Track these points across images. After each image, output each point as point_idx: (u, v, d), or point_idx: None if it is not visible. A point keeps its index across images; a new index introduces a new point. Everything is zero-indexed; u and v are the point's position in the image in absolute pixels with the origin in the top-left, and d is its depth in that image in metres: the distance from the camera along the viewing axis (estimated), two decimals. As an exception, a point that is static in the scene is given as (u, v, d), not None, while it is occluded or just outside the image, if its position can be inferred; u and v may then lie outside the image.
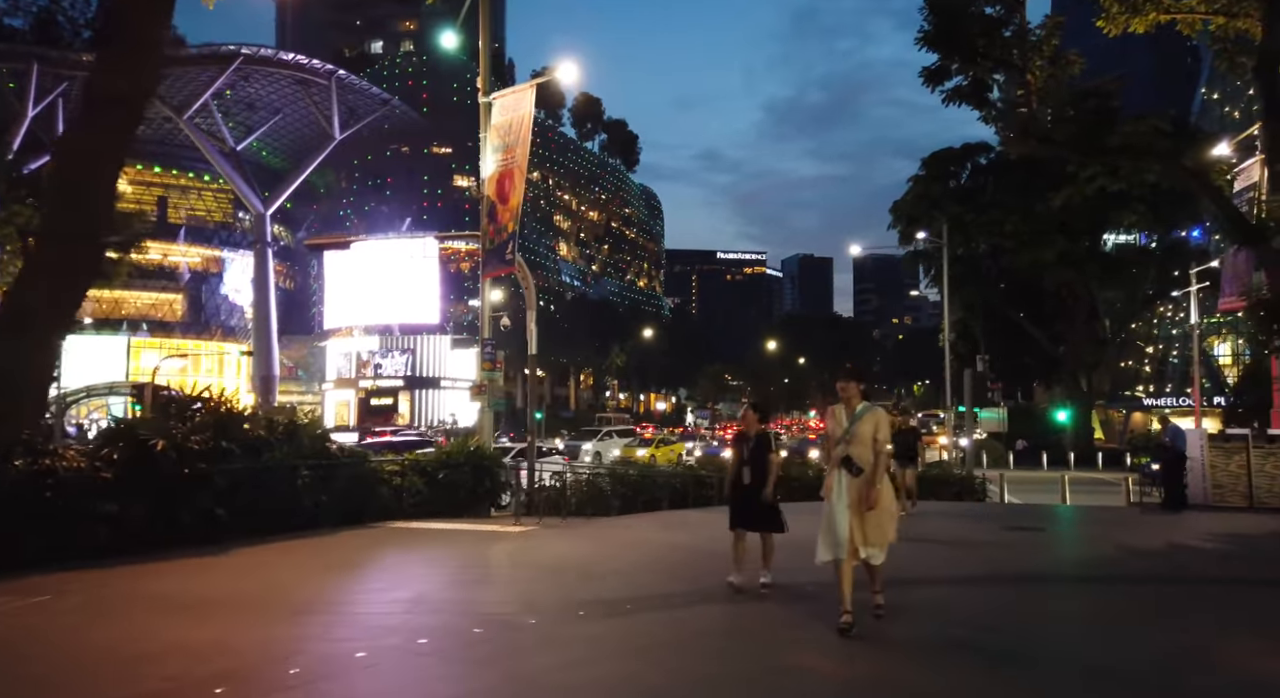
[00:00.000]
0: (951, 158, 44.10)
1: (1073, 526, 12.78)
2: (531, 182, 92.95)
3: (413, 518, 11.28)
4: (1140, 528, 12.37)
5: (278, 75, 66.63)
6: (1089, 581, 7.60)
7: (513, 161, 14.24)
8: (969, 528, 11.63)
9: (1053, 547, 10.13)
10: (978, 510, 14.48)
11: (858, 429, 5.65)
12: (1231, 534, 11.16)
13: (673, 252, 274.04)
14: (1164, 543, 10.61)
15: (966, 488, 16.88)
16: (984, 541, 10.25)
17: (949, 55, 17.00)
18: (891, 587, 6.19)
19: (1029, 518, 13.72)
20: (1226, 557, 9.46)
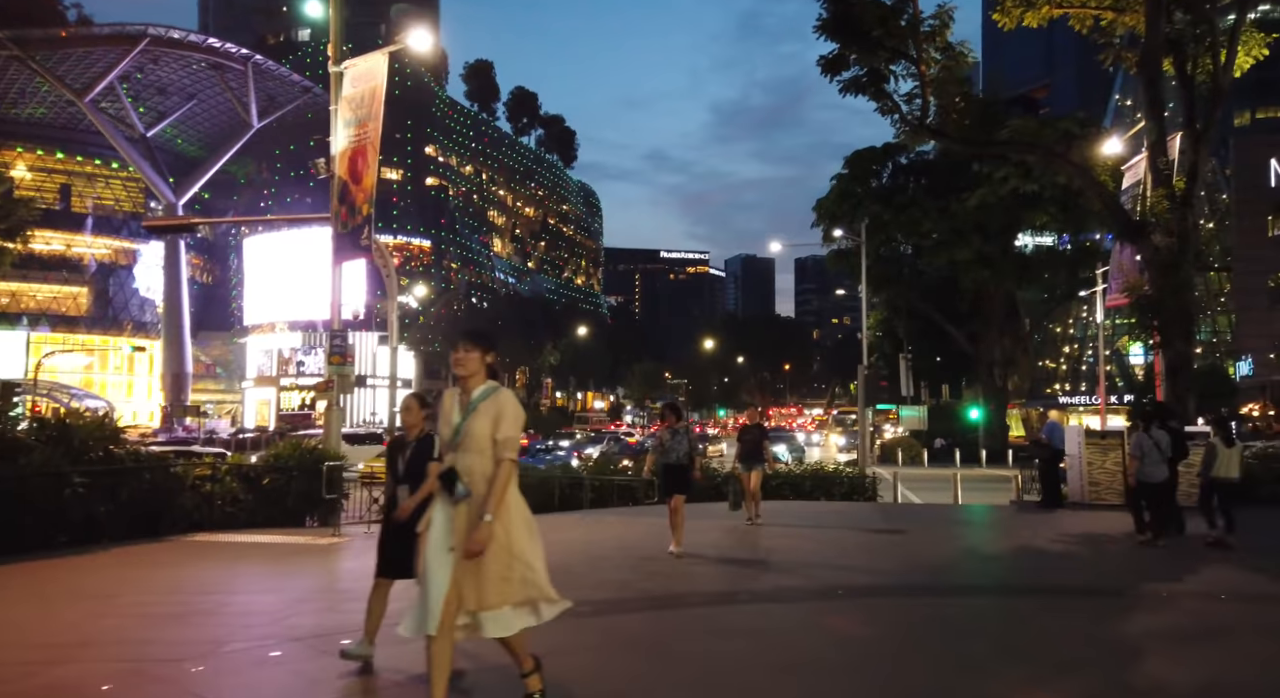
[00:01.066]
0: (873, 157, 44.32)
1: (938, 526, 12.26)
2: (464, 176, 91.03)
3: (226, 529, 10.14)
4: (1004, 528, 11.91)
5: (190, 59, 63.47)
6: (895, 593, 6.88)
7: (366, 137, 13.16)
8: (823, 534, 10.97)
9: (892, 552, 9.49)
10: (854, 512, 13.95)
11: (470, 426, 3.61)
12: (1086, 535, 10.72)
13: (616, 250, 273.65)
14: (1013, 546, 10.11)
15: (856, 487, 16.41)
16: (823, 548, 9.60)
17: (846, 44, 16.44)
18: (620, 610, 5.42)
19: (900, 519, 13.20)
20: (1063, 561, 8.95)
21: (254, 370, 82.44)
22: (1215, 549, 9.68)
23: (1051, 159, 15.91)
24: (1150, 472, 10.17)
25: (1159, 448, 10.24)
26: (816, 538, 10.58)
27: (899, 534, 10.95)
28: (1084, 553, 9.64)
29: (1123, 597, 6.86)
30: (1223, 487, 10.26)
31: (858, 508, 14.52)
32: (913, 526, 12.17)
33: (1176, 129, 16.71)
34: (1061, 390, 61.97)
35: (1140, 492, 10.36)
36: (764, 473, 11.83)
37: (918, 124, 17.41)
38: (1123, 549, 9.79)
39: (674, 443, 9.18)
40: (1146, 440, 10.27)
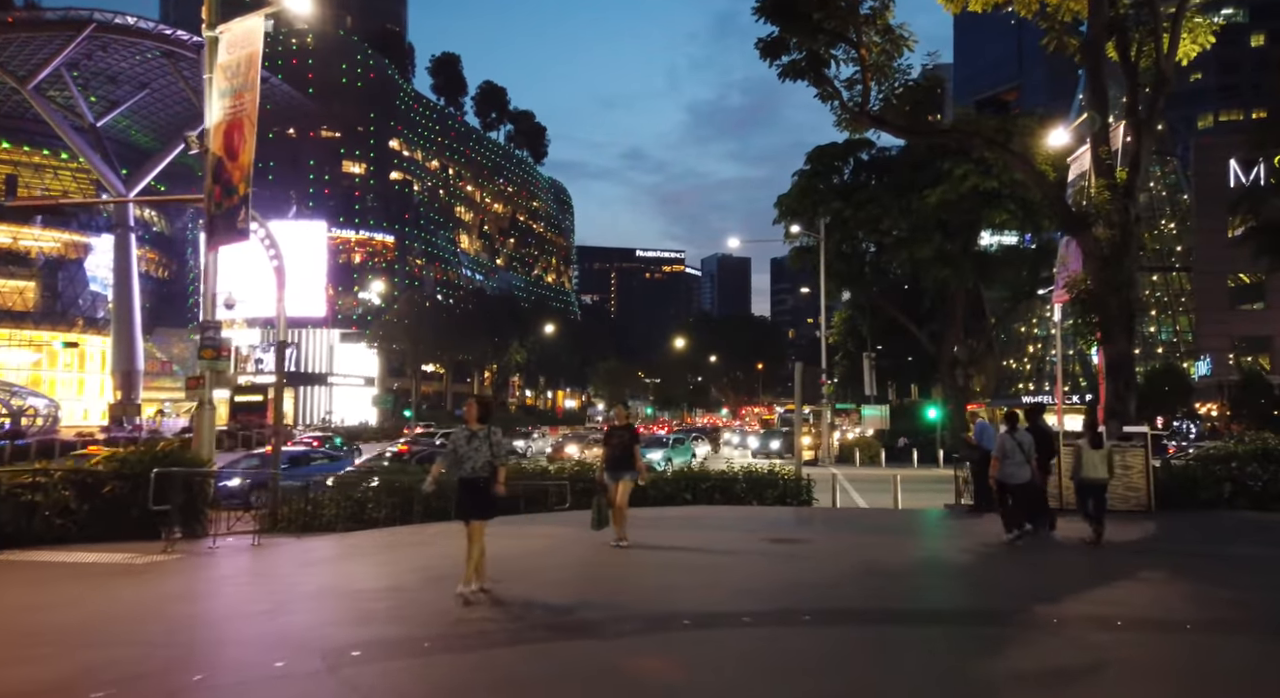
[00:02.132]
0: (835, 153, 43.74)
1: (850, 535, 11.25)
2: (429, 171, 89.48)
3: (47, 545, 9.06)
4: (922, 537, 11.12)
5: (142, 47, 61.49)
6: (740, 623, 5.95)
7: (242, 109, 12.10)
8: (708, 548, 9.85)
9: (776, 569, 8.39)
10: (771, 519, 13.06)
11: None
12: (1003, 545, 9.98)
13: (592, 249, 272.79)
14: (918, 559, 9.23)
15: (791, 490, 15.57)
16: (694, 569, 8.55)
17: (785, 27, 15.64)
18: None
19: (814, 527, 12.20)
20: (960, 578, 8.12)
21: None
22: (1094, 548, 9.77)
23: (991, 147, 15.25)
24: (1012, 472, 10.12)
25: (1021, 449, 10.18)
26: (695, 556, 9.42)
27: (800, 545, 10.04)
28: (987, 567, 8.88)
29: (1007, 623, 6.09)
30: (1091, 488, 10.23)
31: (781, 514, 13.66)
32: (823, 535, 11.29)
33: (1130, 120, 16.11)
34: (1026, 390, 62.00)
35: (1003, 492, 10.31)
36: (635, 484, 10.08)
37: (858, 110, 16.67)
38: (1034, 561, 9.08)
39: (470, 450, 7.12)
40: (1009, 441, 10.19)
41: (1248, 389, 35.08)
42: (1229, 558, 9.17)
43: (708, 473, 15.60)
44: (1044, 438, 11.17)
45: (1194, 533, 11.17)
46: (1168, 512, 12.84)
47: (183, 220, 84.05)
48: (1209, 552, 9.57)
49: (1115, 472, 12.76)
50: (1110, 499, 12.88)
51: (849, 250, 44.15)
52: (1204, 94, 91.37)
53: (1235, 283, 52.36)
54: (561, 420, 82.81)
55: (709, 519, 12.66)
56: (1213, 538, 10.86)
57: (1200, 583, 7.68)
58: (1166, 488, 13.47)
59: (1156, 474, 13.62)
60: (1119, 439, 13.13)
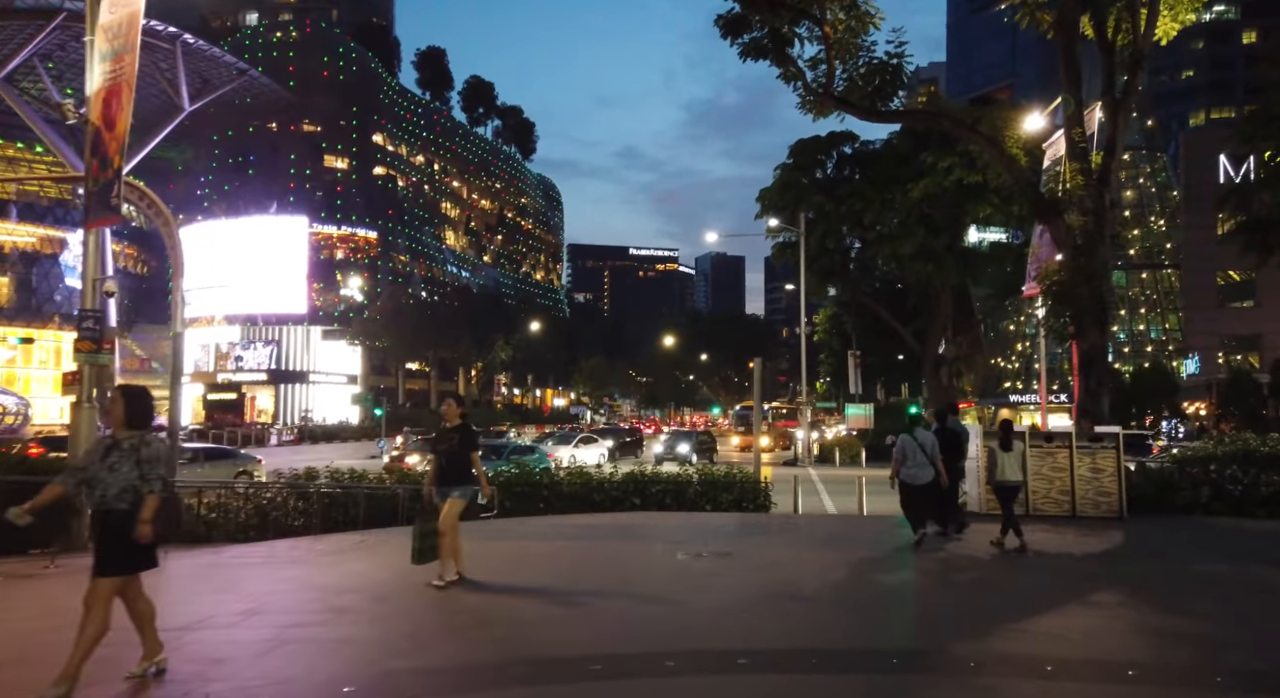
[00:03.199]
0: (818, 146, 42.89)
1: (781, 549, 9.97)
2: (414, 165, 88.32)
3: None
4: (859, 550, 9.88)
5: (115, 36, 60.22)
6: (553, 677, 4.96)
7: (121, 73, 11.08)
8: (628, 559, 9.08)
9: (658, 601, 6.98)
10: (717, 526, 12.06)
11: None
12: (945, 559, 8.83)
13: (585, 247, 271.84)
14: (841, 579, 8.04)
15: (748, 494, 14.58)
16: (542, 610, 6.93)
17: (747, 3, 14.69)
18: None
19: (750, 537, 11.03)
20: (877, 605, 7.01)
21: (191, 365, 79.20)
22: (1020, 554, 9.38)
23: (958, 129, 14.36)
24: (914, 474, 9.83)
25: (923, 449, 9.87)
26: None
27: (725, 560, 8.91)
28: (914, 588, 7.90)
29: (913, 668, 5.11)
30: (1005, 490, 9.89)
31: (727, 522, 12.63)
32: (757, 547, 10.07)
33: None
34: (1014, 389, 61.30)
35: (905, 493, 10.06)
36: (469, 502, 7.84)
37: (822, 92, 15.74)
38: (972, 580, 8.16)
39: (103, 467, 4.80)
40: (910, 442, 9.91)
41: (1236, 388, 34.31)
42: (1197, 576, 8.27)
43: (658, 476, 14.61)
44: (952, 439, 10.69)
45: (1163, 543, 10.28)
46: (1141, 518, 11.97)
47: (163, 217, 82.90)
48: (1175, 567, 8.70)
49: (1045, 473, 11.97)
50: (1081, 505, 12.04)
51: (833, 246, 43.36)
52: (1195, 91, 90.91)
53: (1225, 281, 51.68)
54: (548, 419, 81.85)
55: (642, 528, 11.71)
56: (1183, 550, 10.00)
57: (1157, 610, 6.72)
58: (1141, 492, 12.62)
59: (1130, 478, 12.77)
60: (1089, 440, 12.24)
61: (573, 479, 14.52)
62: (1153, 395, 36.15)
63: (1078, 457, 12.06)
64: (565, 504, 13.79)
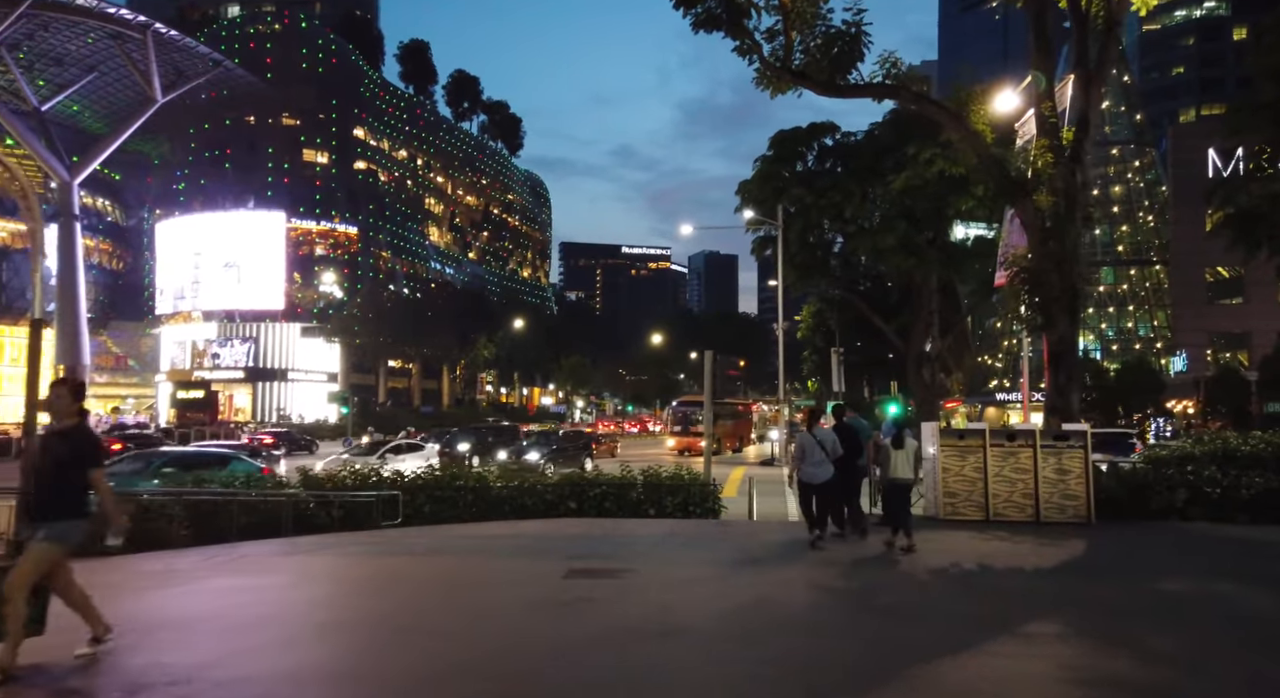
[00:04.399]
0: (798, 138, 41.87)
1: (699, 562, 8.67)
2: (396, 160, 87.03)
3: None
4: (780, 565, 8.62)
5: (85, 26, 58.94)
6: None
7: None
8: (490, 577, 8.11)
9: (492, 632, 5.99)
10: (642, 534, 10.92)
11: None
12: (866, 586, 7.77)
13: (577, 245, 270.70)
14: (733, 606, 6.82)
15: (695, 497, 13.45)
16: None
17: (701, -28, 13.63)
18: None
19: (668, 548, 9.82)
20: (755, 642, 5.72)
21: (167, 363, 77.91)
22: (906, 553, 8.98)
23: (919, 103, 13.34)
24: (812, 472, 9.52)
25: (822, 447, 9.53)
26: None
27: (612, 581, 7.65)
28: (820, 620, 6.55)
29: None
30: (897, 489, 9.49)
31: (656, 529, 11.34)
32: (662, 565, 8.52)
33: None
34: (1001, 387, 60.44)
35: (804, 492, 9.73)
36: (69, 544, 5.04)
37: (779, 66, 14.68)
38: (891, 604, 6.99)
39: None
40: (808, 439, 9.54)
41: (1223, 386, 33.44)
42: (1160, 598, 7.18)
43: (598, 478, 13.50)
44: (850, 437, 10.20)
45: (1129, 555, 9.25)
46: (1110, 524, 10.96)
47: (138, 211, 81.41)
48: (1136, 585, 7.61)
49: (1007, 475, 11.01)
50: (1045, 509, 11.03)
51: (815, 240, 42.44)
52: (1186, 88, 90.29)
53: (1214, 277, 50.89)
54: (534, 418, 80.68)
55: (551, 539, 10.59)
56: (1149, 562, 8.94)
57: (1102, 646, 5.51)
58: (1112, 496, 11.60)
59: (1101, 480, 11.75)
60: (1054, 439, 11.21)
61: (504, 482, 13.43)
62: (1138, 393, 35.27)
63: (1042, 457, 11.05)
64: (490, 509, 12.70)
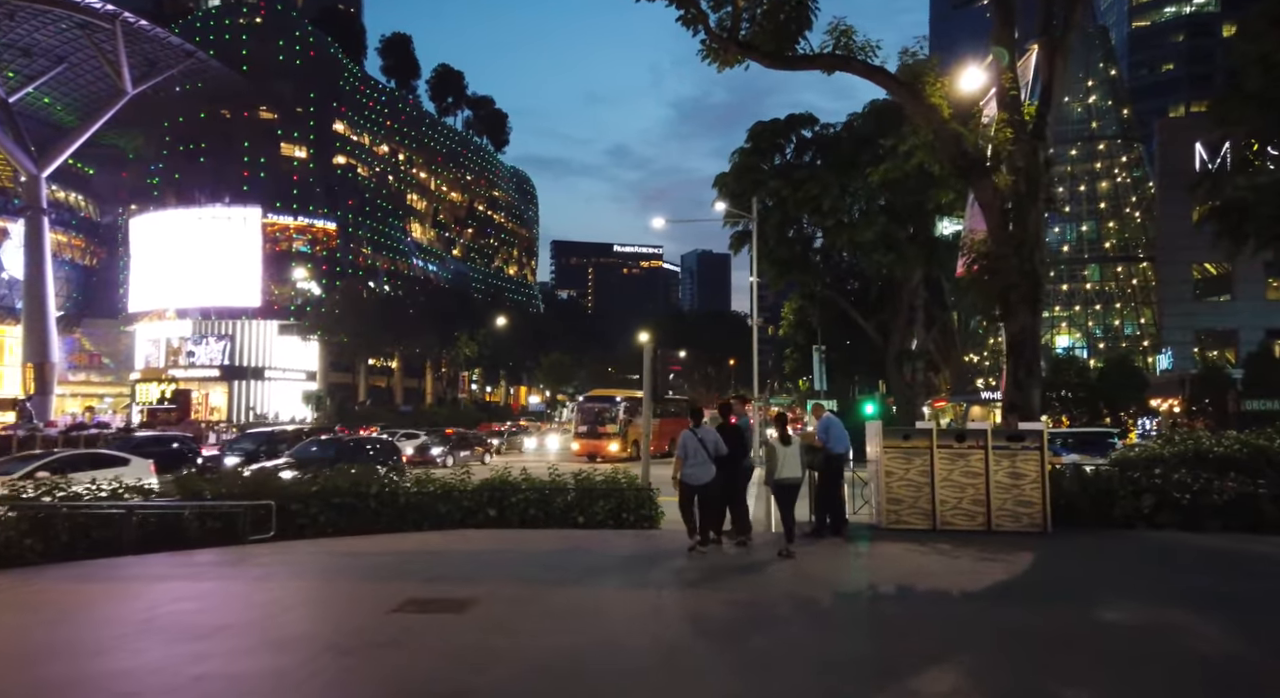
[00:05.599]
0: (777, 130, 40.93)
1: (567, 589, 7.46)
2: (377, 155, 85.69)
3: None
4: (652, 595, 7.27)
5: (53, 15, 57.47)
6: None
7: None
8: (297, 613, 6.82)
9: None
10: (544, 551, 9.80)
11: None
12: (772, 615, 6.63)
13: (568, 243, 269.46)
14: (569, 645, 5.67)
15: (629, 504, 12.29)
16: None
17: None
18: None
19: (552, 569, 8.62)
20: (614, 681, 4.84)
21: (142, 361, 76.43)
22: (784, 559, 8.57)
23: (870, 74, 12.28)
24: (694, 473, 9.08)
25: (704, 447, 9.07)
26: None
27: (447, 617, 6.35)
28: (678, 666, 5.30)
29: None
30: (783, 489, 9.10)
31: (558, 543, 10.13)
32: (527, 591, 7.38)
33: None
34: (987, 385, 59.52)
35: (683, 493, 9.34)
36: None
37: (726, 37, 13.62)
38: (770, 644, 5.73)
39: None
40: (690, 438, 9.13)
41: (1207, 384, 32.55)
42: (1098, 630, 5.99)
43: (518, 483, 12.30)
44: (735, 436, 9.61)
45: (1079, 571, 8.16)
46: (1068, 533, 9.92)
47: (112, 206, 79.92)
48: (1075, 613, 6.40)
49: (956, 479, 9.97)
50: (997, 517, 9.98)
51: (794, 235, 41.48)
52: (1175, 84, 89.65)
53: (1201, 274, 50.06)
54: (518, 417, 79.47)
55: (422, 555, 9.48)
56: (1100, 581, 7.81)
57: None
58: (1074, 502, 10.56)
59: (1062, 484, 10.72)
60: (1008, 439, 10.16)
61: (418, 488, 12.22)
62: (1120, 392, 34.37)
63: (994, 459, 9.99)
64: (399, 519, 11.54)
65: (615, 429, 32.80)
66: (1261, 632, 5.73)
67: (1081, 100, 59.76)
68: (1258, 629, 5.78)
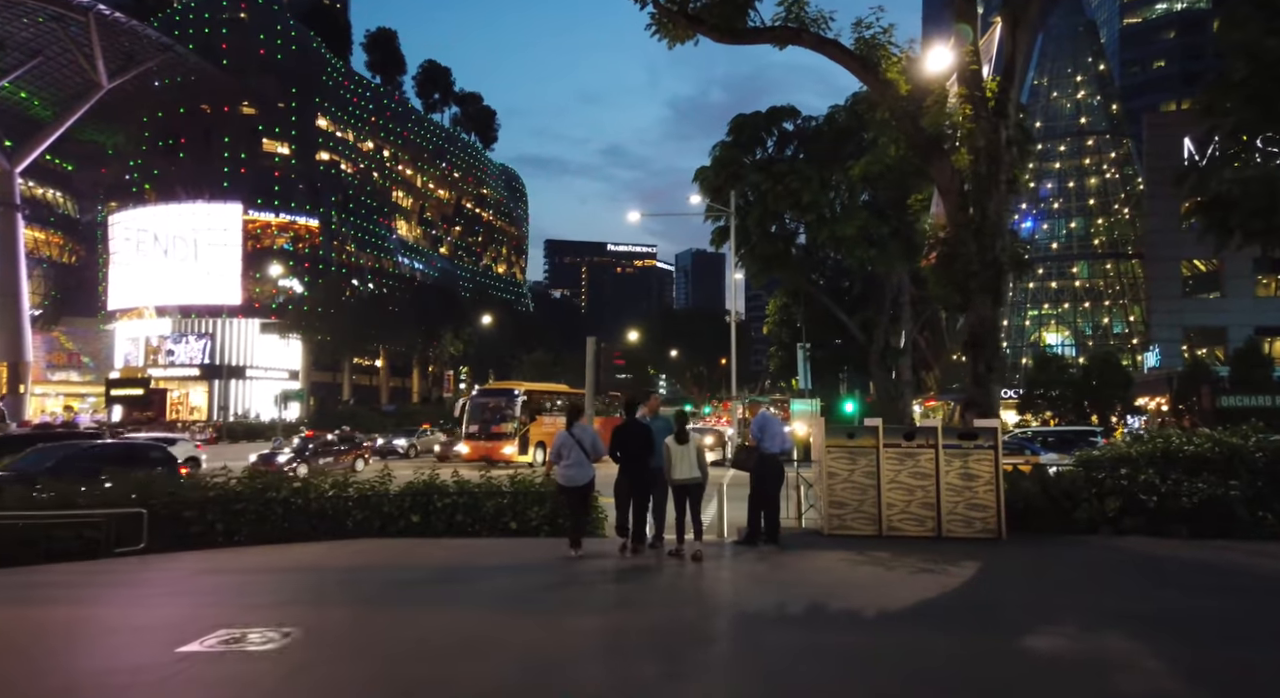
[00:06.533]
0: (758, 122, 40.16)
1: (436, 613, 6.61)
2: (362, 152, 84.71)
3: None
4: (531, 624, 6.23)
5: (25, 8, 56.42)
6: None
7: None
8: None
9: None
10: (431, 565, 8.96)
11: None
12: (664, 642, 5.63)
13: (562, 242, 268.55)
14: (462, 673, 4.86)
15: (533, 506, 11.30)
16: None
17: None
18: None
19: (431, 584, 7.91)
20: None
21: (121, 360, 75.40)
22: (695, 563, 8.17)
23: (822, 47, 11.49)
24: (569, 474, 8.66)
25: (580, 446, 8.63)
26: None
27: (257, 651, 5.37)
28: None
29: None
30: (681, 490, 8.53)
31: (464, 556, 9.15)
32: (381, 617, 6.51)
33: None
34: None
35: (559, 495, 9.31)
36: None
37: (676, 10, 12.83)
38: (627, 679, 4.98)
39: None
40: (566, 438, 8.72)
41: (1193, 381, 31.88)
42: (1013, 668, 4.93)
43: (446, 486, 11.41)
44: (641, 434, 8.86)
45: (1022, 584, 7.34)
46: (1024, 540, 9.14)
47: (92, 202, 78.83)
48: (998, 640, 5.46)
49: (904, 481, 9.22)
50: (948, 522, 9.20)
51: (777, 231, 40.73)
52: (1167, 81, 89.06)
53: (1191, 271, 49.46)
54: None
55: (309, 570, 8.58)
56: (1042, 597, 6.90)
57: None
58: (1034, 504, 9.78)
59: (1022, 486, 9.93)
60: (960, 437, 9.37)
61: (337, 491, 11.29)
62: (1105, 390, 33.68)
63: (945, 460, 9.20)
64: (310, 529, 10.65)
65: (511, 428, 28.00)
66: (1215, 666, 4.88)
67: (1070, 96, 59.15)
68: (1211, 664, 4.93)
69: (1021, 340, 58.07)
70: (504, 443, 27.51)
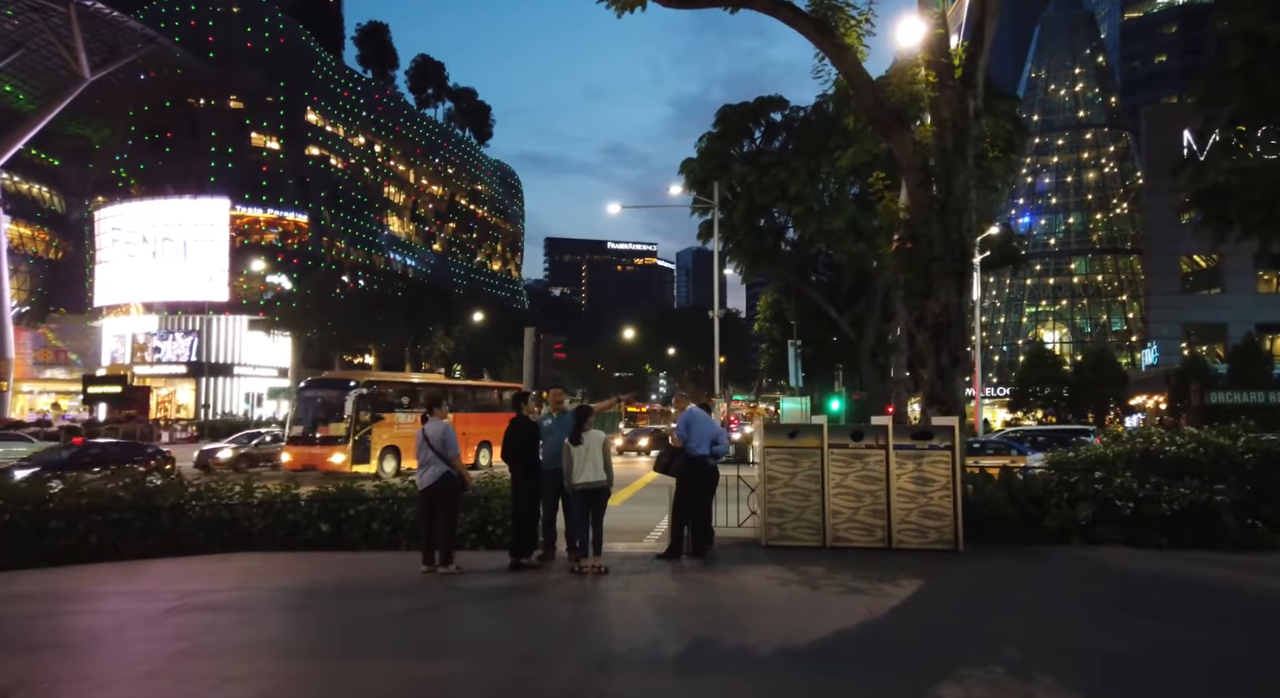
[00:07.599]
0: (746, 113, 39.22)
1: (297, 621, 5.98)
2: (353, 147, 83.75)
3: None
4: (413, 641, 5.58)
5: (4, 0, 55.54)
6: None
7: None
8: None
9: None
10: (277, 586, 7.86)
11: None
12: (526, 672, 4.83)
13: (562, 240, 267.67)
14: None
15: (499, 515, 10.27)
16: None
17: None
18: None
19: (307, 609, 6.93)
20: None
21: (108, 357, 74.54)
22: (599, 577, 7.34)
23: (776, 11, 10.52)
24: (419, 476, 8.07)
25: (429, 444, 7.84)
26: None
27: None
28: None
29: None
30: (582, 496, 7.59)
31: (322, 576, 8.18)
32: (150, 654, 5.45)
33: None
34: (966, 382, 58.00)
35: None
36: None
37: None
38: None
39: None
40: (419, 436, 8.01)
41: (1191, 379, 30.87)
42: None
43: (362, 492, 10.39)
44: (527, 432, 8.16)
45: (966, 609, 6.31)
46: (983, 551, 8.17)
47: (79, 198, 77.98)
48: (912, 692, 4.41)
49: (852, 485, 8.26)
50: (899, 532, 8.23)
51: (766, 225, 39.80)
52: (1168, 76, 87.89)
53: (1191, 267, 48.42)
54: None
55: (139, 595, 7.37)
56: (987, 628, 5.78)
57: None
58: (1000, 512, 8.82)
59: (986, 491, 8.97)
60: (914, 437, 8.39)
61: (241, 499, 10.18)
62: (1100, 387, 32.70)
63: (896, 462, 8.22)
64: (207, 540, 9.62)
65: (342, 430, 21.53)
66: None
67: (1069, 89, 58.07)
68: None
69: (1019, 337, 57.03)
70: (333, 450, 21.26)
